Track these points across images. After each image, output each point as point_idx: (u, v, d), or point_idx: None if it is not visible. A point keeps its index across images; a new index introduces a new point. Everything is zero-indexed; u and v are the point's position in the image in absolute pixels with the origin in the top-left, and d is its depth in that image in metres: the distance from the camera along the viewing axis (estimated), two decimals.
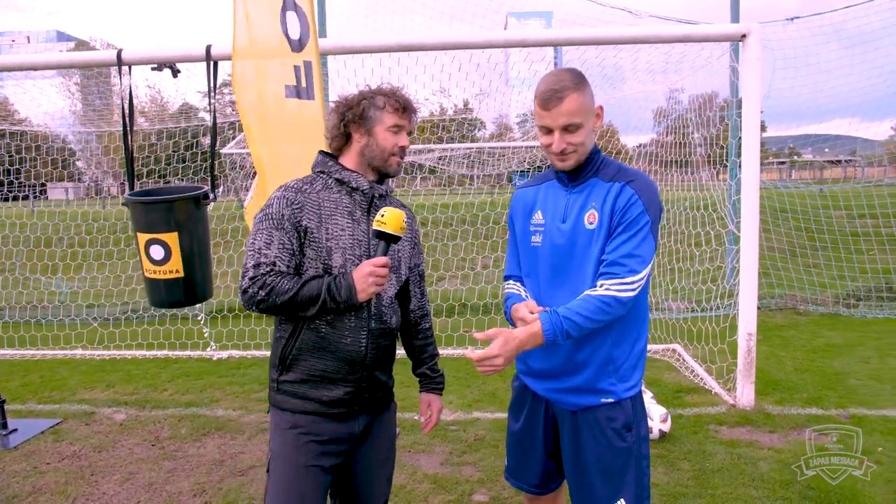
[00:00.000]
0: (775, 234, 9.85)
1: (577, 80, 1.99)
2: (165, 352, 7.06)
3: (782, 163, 45.10)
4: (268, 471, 2.04)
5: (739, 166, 4.86)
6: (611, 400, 2.05)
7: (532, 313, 1.98)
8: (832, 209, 10.36)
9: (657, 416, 4.23)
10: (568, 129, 1.98)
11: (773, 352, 6.46)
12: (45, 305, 8.90)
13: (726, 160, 8.18)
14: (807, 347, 6.70)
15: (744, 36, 4.65)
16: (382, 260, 1.93)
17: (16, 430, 4.64)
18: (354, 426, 2.08)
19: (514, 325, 2.12)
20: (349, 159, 2.11)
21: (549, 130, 2.01)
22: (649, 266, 1.98)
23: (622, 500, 2.04)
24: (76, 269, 9.66)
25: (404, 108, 2.06)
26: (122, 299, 9.17)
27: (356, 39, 5.07)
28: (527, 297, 2.18)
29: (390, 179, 2.18)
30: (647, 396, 4.53)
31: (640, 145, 9.54)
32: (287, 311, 1.94)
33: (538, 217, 2.16)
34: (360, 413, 2.09)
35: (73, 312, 8.67)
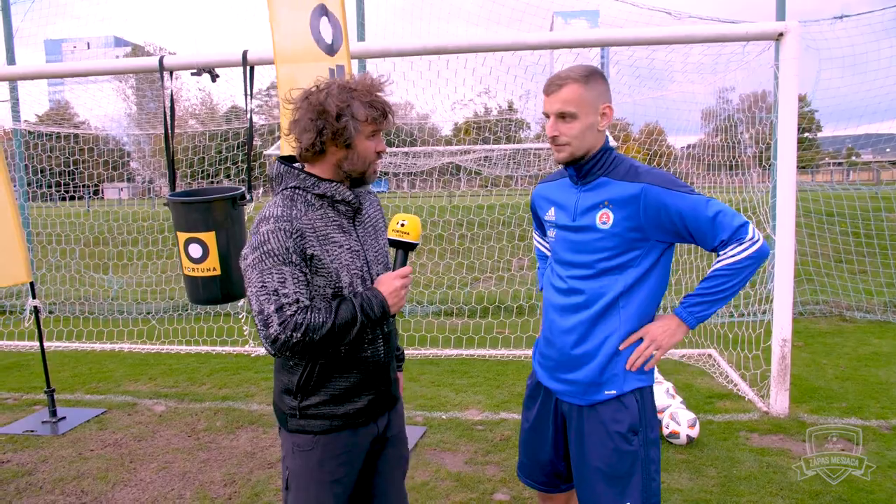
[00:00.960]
0: (820, 240, 9.51)
1: (586, 74, 2.02)
2: (206, 347, 7.31)
3: (839, 164, 43.37)
4: (287, 488, 1.99)
5: None
6: (613, 391, 2.06)
7: None
8: (884, 211, 9.93)
9: (685, 422, 4.17)
10: (563, 116, 2.02)
11: (815, 359, 6.26)
12: (90, 301, 9.30)
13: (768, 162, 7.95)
14: (851, 355, 6.45)
15: (781, 34, 4.54)
16: (407, 270, 1.93)
17: (64, 417, 4.91)
18: (376, 427, 2.08)
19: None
20: (323, 170, 1.94)
21: (548, 117, 2.07)
22: (737, 213, 2.01)
23: (628, 503, 2.04)
24: (124, 268, 10.07)
25: (384, 114, 1.93)
26: (167, 296, 9.52)
27: (387, 43, 5.14)
28: (549, 254, 2.42)
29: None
30: (677, 401, 4.47)
31: (689, 146, 9.35)
32: (325, 345, 1.81)
33: (551, 213, 2.23)
34: (382, 413, 2.10)
35: (117, 308, 9.05)
